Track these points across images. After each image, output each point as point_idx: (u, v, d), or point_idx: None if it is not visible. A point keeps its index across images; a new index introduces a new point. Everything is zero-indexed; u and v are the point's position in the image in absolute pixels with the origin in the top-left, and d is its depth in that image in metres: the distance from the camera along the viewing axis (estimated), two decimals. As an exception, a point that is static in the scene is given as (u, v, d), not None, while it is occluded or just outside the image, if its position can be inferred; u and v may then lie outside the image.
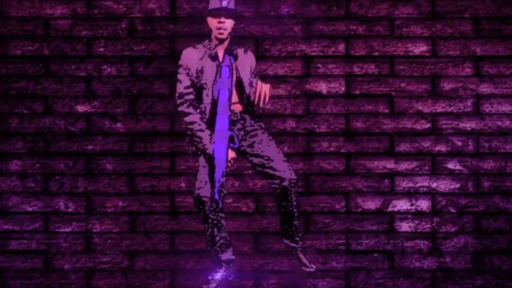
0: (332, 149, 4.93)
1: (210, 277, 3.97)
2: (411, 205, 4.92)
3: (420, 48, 4.94)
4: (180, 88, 3.71)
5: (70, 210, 4.90)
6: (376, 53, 4.94)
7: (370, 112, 4.93)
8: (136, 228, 4.90)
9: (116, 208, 4.90)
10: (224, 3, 3.63)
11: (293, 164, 4.89)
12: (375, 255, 4.87)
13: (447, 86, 4.94)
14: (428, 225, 4.91)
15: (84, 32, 4.92)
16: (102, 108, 4.92)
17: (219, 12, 3.64)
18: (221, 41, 3.73)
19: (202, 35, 4.91)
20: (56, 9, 4.92)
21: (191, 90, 3.72)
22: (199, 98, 3.76)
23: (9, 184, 4.91)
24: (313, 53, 4.94)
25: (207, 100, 3.75)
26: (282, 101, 4.91)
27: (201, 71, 3.70)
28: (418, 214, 4.92)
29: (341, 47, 4.94)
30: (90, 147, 4.91)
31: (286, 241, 4.06)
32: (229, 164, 3.77)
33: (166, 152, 4.91)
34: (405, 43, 4.94)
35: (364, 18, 4.94)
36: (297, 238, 4.03)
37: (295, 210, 3.95)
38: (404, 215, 4.92)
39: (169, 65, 4.91)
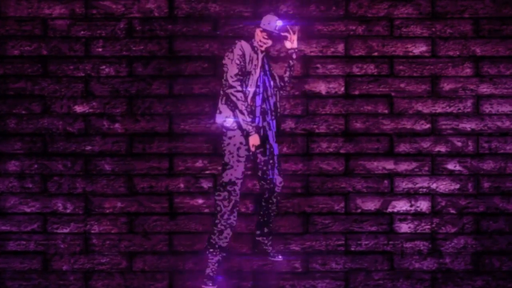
0: (331, 149, 4.91)
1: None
2: (411, 206, 4.91)
3: (419, 48, 4.93)
4: (234, 69, 4.28)
5: (68, 211, 4.89)
6: (376, 53, 4.93)
7: (370, 112, 4.92)
8: (134, 229, 4.89)
9: (115, 209, 4.89)
10: (277, 30, 4.34)
11: (292, 164, 4.88)
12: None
13: (446, 86, 4.93)
14: (428, 226, 4.90)
15: (82, 32, 4.91)
16: (100, 109, 4.90)
17: (270, 34, 4.33)
18: (261, 50, 4.43)
19: (201, 35, 4.90)
20: (54, 9, 4.91)
21: (241, 73, 4.29)
22: (245, 84, 4.35)
23: (7, 184, 4.89)
24: (312, 53, 4.92)
25: (251, 87, 4.35)
26: (281, 101, 4.89)
27: (251, 59, 4.34)
28: (417, 215, 4.90)
29: (340, 47, 4.92)
30: (89, 147, 4.89)
31: (259, 238, 4.60)
32: (252, 149, 4.32)
33: (164, 152, 4.90)
34: (405, 43, 4.93)
35: (364, 18, 4.93)
36: (270, 236, 4.62)
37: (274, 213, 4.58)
38: (404, 216, 4.91)
39: (167, 65, 4.89)
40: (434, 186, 4.91)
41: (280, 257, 4.64)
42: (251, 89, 4.36)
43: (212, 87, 4.86)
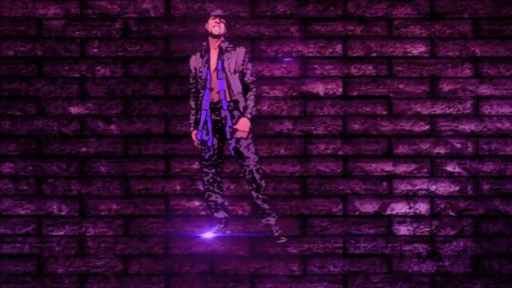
0: (329, 151, 4.88)
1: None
2: (410, 208, 4.87)
3: (418, 49, 4.89)
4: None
5: (63, 213, 4.85)
6: (374, 54, 4.89)
7: (368, 113, 4.88)
8: (130, 231, 4.85)
9: (110, 211, 4.85)
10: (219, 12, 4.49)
11: (289, 166, 4.85)
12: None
13: (446, 87, 4.89)
14: (427, 229, 4.87)
15: (77, 32, 4.87)
16: (95, 110, 4.87)
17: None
18: (214, 36, 4.47)
19: (198, 35, 4.87)
20: (49, 9, 4.87)
21: (194, 81, 4.54)
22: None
23: (2, 187, 4.86)
24: (310, 54, 4.89)
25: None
26: (279, 102, 4.87)
27: (200, 69, 4.50)
28: (416, 218, 4.87)
29: (339, 47, 4.89)
30: (84, 149, 4.86)
31: (261, 221, 4.64)
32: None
33: (160, 154, 4.87)
34: (404, 43, 4.89)
35: (362, 19, 4.89)
36: (266, 216, 4.62)
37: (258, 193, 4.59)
38: (403, 219, 4.87)
39: (164, 66, 4.86)
40: (433, 188, 4.87)
41: (284, 238, 4.67)
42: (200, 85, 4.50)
43: (209, 88, 4.83)
